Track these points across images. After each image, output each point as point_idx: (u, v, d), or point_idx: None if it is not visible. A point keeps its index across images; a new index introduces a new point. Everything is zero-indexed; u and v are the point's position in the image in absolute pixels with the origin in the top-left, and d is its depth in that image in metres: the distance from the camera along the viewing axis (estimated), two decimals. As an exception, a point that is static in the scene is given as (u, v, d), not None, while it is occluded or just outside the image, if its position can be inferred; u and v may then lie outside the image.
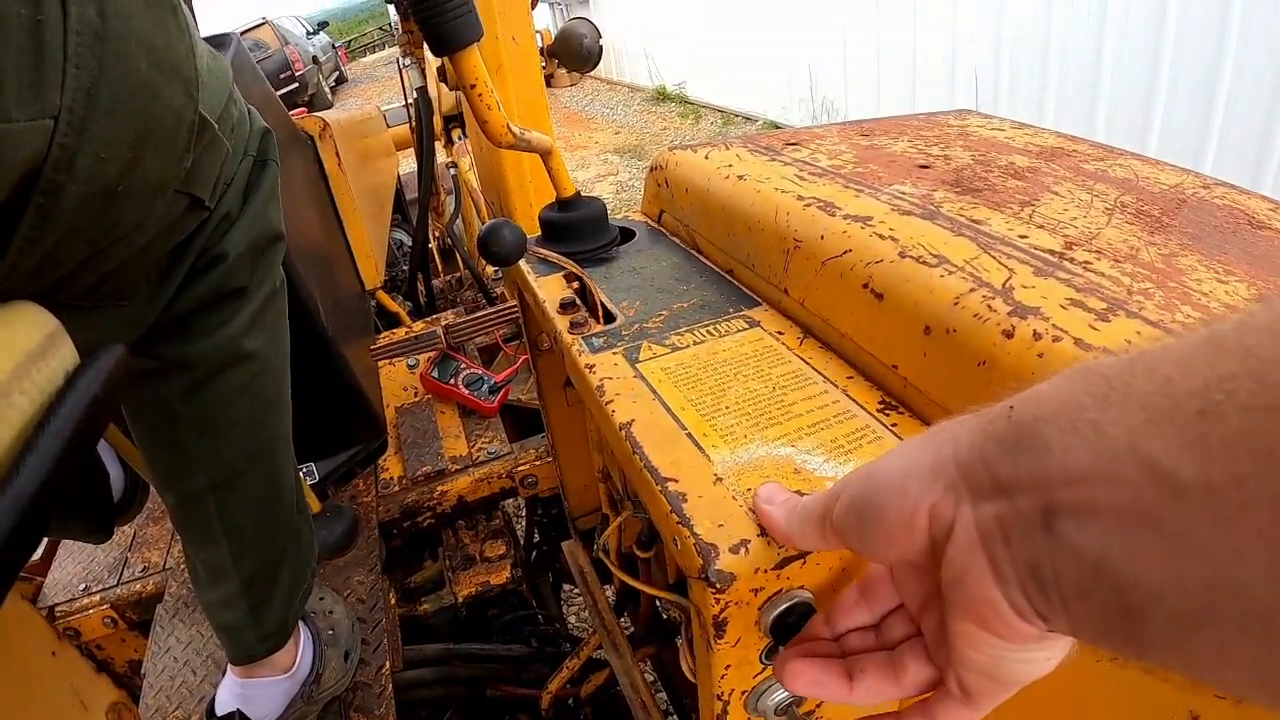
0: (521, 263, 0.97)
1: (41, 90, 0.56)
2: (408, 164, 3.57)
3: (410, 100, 2.68)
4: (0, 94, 0.53)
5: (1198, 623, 0.26)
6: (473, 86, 0.87)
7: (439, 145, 2.80)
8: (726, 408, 0.64)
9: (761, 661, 0.56)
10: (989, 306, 0.58)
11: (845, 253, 0.71)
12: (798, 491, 0.53)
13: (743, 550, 0.50)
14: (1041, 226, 0.71)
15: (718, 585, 0.49)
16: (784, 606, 0.51)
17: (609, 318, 0.82)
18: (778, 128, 8.19)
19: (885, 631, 0.46)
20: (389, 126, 3.39)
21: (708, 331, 0.76)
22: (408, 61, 2.59)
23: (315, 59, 16.63)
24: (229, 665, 1.11)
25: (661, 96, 11.42)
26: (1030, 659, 0.36)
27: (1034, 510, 0.31)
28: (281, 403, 1.05)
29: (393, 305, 2.57)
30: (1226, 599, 0.25)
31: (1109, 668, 0.52)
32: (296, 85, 14.85)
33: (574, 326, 0.80)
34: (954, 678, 0.39)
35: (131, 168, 0.67)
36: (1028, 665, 0.37)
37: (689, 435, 0.61)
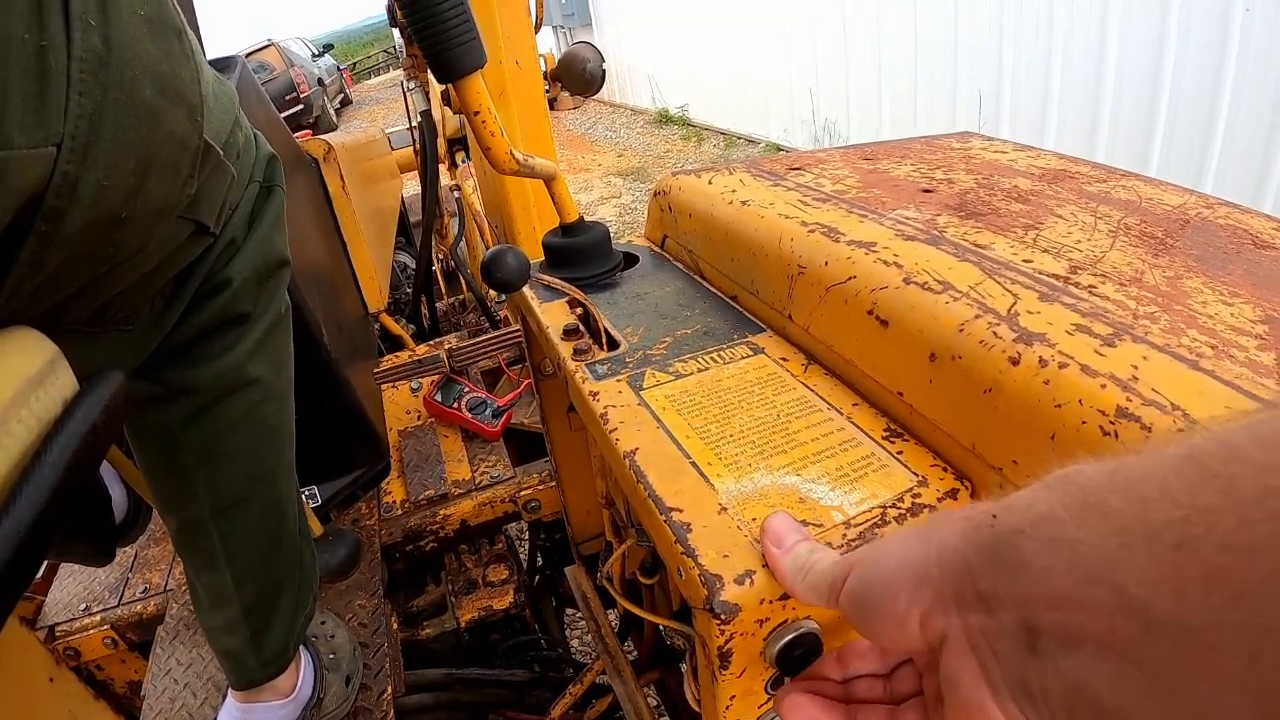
0: (525, 288, 0.97)
1: (45, 117, 0.56)
2: (411, 186, 3.58)
3: (414, 123, 2.69)
4: (3, 120, 0.53)
5: None
6: (476, 113, 0.87)
7: (443, 168, 2.81)
8: (731, 436, 0.64)
9: (767, 692, 0.56)
10: (994, 333, 0.58)
11: (849, 279, 0.71)
12: (804, 522, 0.53)
13: (748, 581, 0.49)
14: (1046, 250, 0.71)
15: (723, 616, 0.48)
16: (790, 637, 0.51)
17: (612, 344, 0.82)
18: (780, 150, 8.23)
19: (895, 683, 0.45)
20: (393, 149, 3.41)
21: (712, 358, 0.76)
22: (412, 85, 2.60)
23: (320, 81, 16.71)
24: (229, 689, 1.10)
25: (664, 119, 11.46)
26: None
27: (1017, 628, 0.31)
28: (285, 429, 1.05)
29: (396, 328, 2.57)
30: None
31: None
32: (301, 107, 14.93)
33: (577, 353, 0.80)
34: None
35: (135, 194, 0.66)
36: None
37: (693, 464, 0.61)
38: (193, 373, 0.91)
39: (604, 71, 2.36)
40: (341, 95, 20.11)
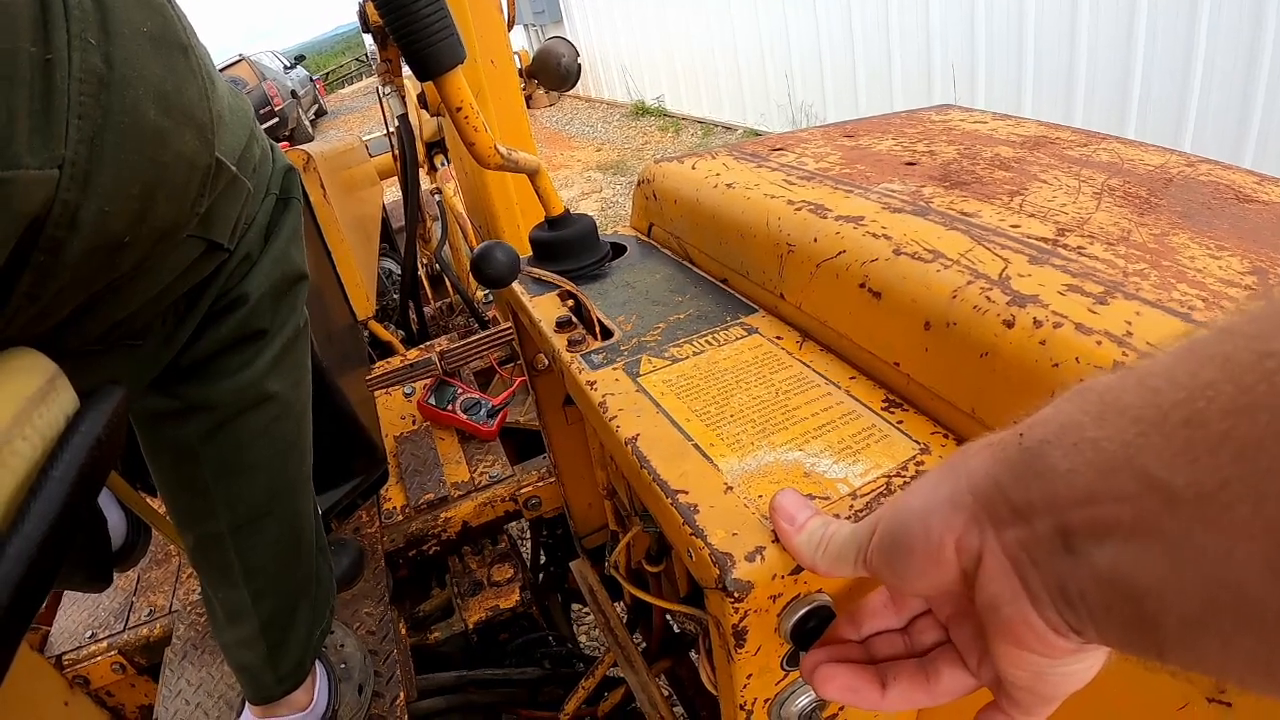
0: (515, 284, 0.96)
1: (49, 137, 0.54)
2: (392, 193, 3.57)
3: (392, 129, 2.68)
4: (12, 138, 0.51)
5: (1202, 623, 0.27)
6: (459, 109, 0.87)
7: (422, 172, 2.80)
8: (731, 416, 0.64)
9: (783, 668, 0.56)
10: (987, 298, 0.58)
11: (840, 254, 0.71)
12: (810, 496, 0.53)
13: (758, 558, 0.49)
14: (1032, 215, 0.71)
15: (736, 595, 0.49)
16: (804, 611, 0.51)
17: (606, 334, 0.82)
18: (758, 135, 8.22)
19: (914, 635, 0.46)
20: (371, 156, 3.39)
21: (706, 341, 0.76)
22: (387, 90, 2.58)
23: (294, 93, 16.62)
24: (246, 705, 1.10)
25: (641, 111, 11.45)
26: (1071, 671, 0.37)
27: (1053, 533, 0.32)
28: (303, 444, 1.04)
29: (385, 334, 2.56)
30: (1223, 598, 0.26)
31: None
32: (277, 120, 14.83)
33: (572, 344, 0.80)
34: (1004, 694, 0.40)
35: (139, 219, 0.64)
36: (1069, 677, 0.37)
37: (695, 446, 0.61)
38: (210, 388, 0.90)
39: (579, 66, 2.35)
40: (316, 106, 20.00)
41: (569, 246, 0.99)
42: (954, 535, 0.37)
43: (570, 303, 0.90)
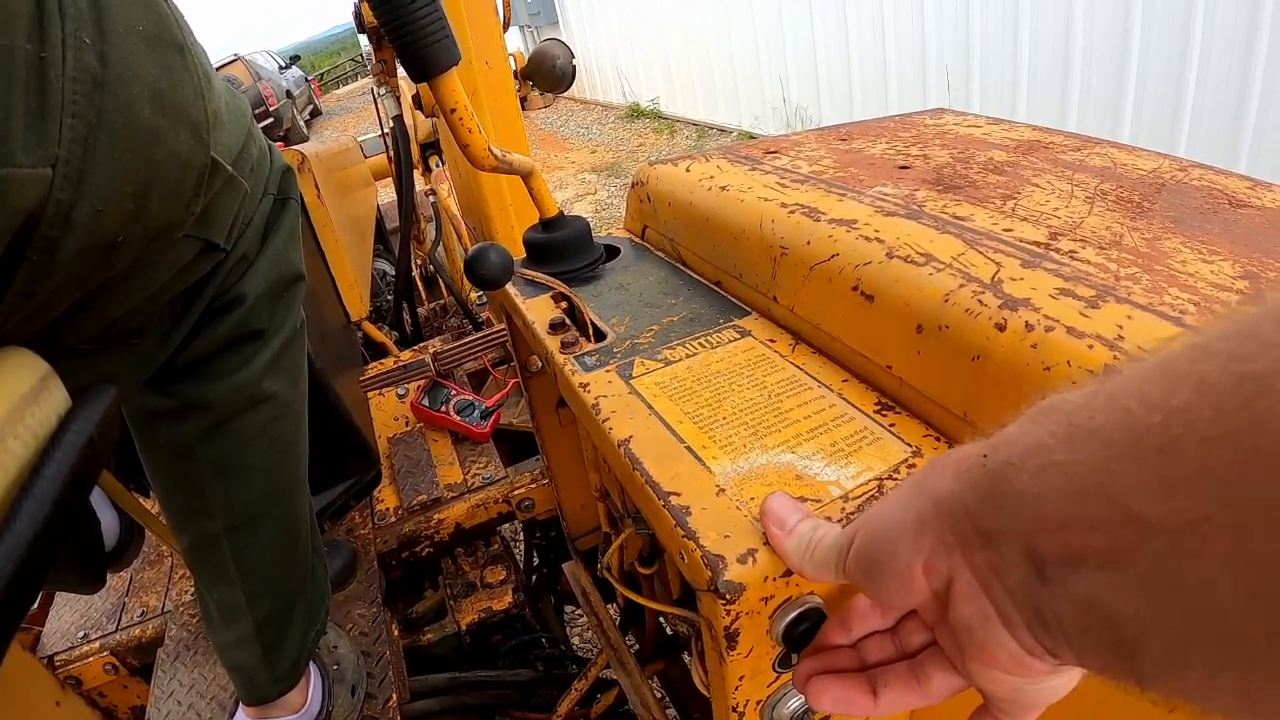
0: (508, 286, 0.96)
1: (43, 135, 0.54)
2: (386, 194, 3.57)
3: (386, 130, 2.68)
4: (7, 136, 0.51)
5: (1185, 653, 0.27)
6: (453, 111, 0.87)
7: (417, 173, 2.80)
8: (724, 418, 0.64)
9: (775, 670, 0.56)
10: (979, 301, 0.58)
11: (832, 257, 0.71)
12: (802, 498, 0.53)
13: (750, 560, 0.49)
14: (1025, 219, 0.71)
15: (728, 596, 0.49)
16: (795, 613, 0.51)
17: (599, 336, 0.82)
18: (753, 138, 8.23)
19: (903, 636, 0.46)
20: (366, 157, 3.39)
21: (699, 344, 0.76)
22: (383, 91, 2.58)
23: (289, 93, 16.57)
24: (240, 706, 1.10)
25: (635, 113, 11.45)
26: (1049, 686, 0.37)
27: (1023, 558, 0.32)
28: (300, 445, 1.04)
29: (379, 335, 2.56)
30: (1205, 628, 0.26)
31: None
32: (271, 120, 14.77)
33: (565, 346, 0.80)
34: (989, 704, 0.40)
35: (133, 218, 0.64)
36: (1047, 691, 0.37)
37: (688, 448, 0.61)
38: (208, 388, 0.90)
39: (574, 67, 2.35)
40: (311, 106, 19.94)
41: (563, 248, 0.99)
42: (921, 558, 0.37)
43: (564, 305, 0.90)
